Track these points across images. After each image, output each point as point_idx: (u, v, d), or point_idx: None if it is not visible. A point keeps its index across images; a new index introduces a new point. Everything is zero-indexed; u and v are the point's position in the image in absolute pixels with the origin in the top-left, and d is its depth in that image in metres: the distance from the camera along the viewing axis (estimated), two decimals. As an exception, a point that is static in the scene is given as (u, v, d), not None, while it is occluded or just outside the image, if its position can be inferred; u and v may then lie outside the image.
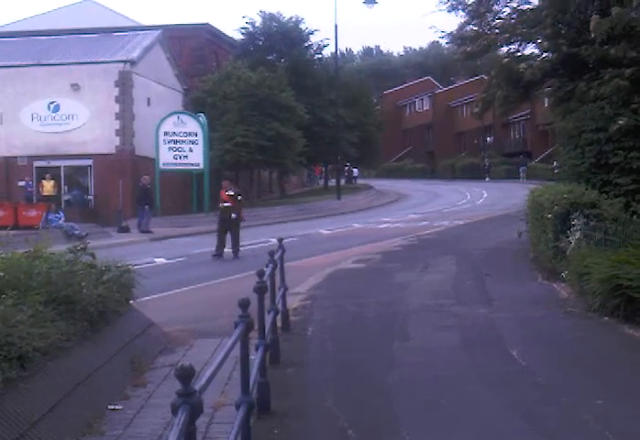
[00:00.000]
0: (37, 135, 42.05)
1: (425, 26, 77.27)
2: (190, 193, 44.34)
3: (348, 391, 8.59)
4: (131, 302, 10.98)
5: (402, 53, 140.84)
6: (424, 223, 34.57)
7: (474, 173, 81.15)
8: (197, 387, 4.03)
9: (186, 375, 3.91)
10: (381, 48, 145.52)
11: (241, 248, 23.92)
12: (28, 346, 6.97)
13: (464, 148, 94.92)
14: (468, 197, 55.55)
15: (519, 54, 22.80)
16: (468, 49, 23.05)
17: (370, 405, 8.02)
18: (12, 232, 12.14)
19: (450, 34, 24.34)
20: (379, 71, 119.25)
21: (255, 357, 7.39)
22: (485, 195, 55.97)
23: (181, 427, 3.65)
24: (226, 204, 24.12)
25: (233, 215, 23.70)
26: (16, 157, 42.41)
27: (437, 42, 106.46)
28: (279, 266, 11.41)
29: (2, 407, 6.31)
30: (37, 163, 42.31)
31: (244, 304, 6.22)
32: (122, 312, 10.28)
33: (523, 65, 21.10)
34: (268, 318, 9.17)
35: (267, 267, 9.68)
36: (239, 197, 24.61)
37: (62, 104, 42.01)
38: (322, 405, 8.07)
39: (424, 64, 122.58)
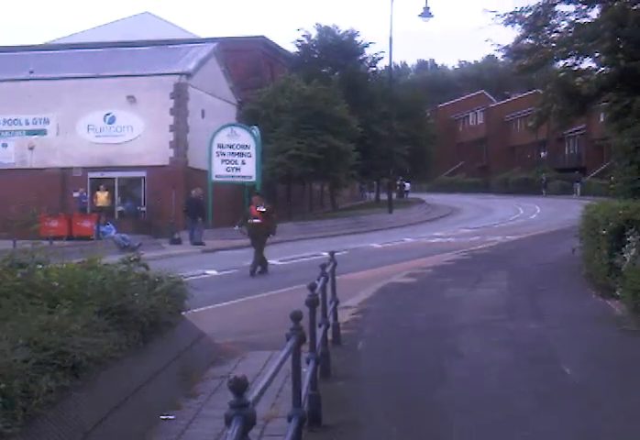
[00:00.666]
0: (92, 146, 42.52)
1: (481, 39, 76.83)
2: (242, 206, 44.50)
3: (400, 406, 8.54)
4: (183, 313, 11.02)
5: (457, 66, 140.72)
6: (477, 237, 34.39)
7: (528, 188, 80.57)
8: (250, 398, 4.04)
9: (240, 387, 3.91)
10: (436, 61, 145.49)
11: (292, 261, 23.93)
12: (82, 355, 7.01)
13: (518, 163, 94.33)
14: (522, 212, 55.17)
15: (576, 68, 22.61)
16: (525, 62, 22.92)
17: (422, 420, 7.98)
18: (66, 242, 12.28)
19: (506, 47, 24.20)
20: (433, 85, 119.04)
21: (306, 370, 7.38)
22: (538, 211, 55.54)
23: (234, 438, 3.65)
24: (255, 221, 23.00)
25: (270, 235, 23.25)
26: (71, 168, 42.90)
27: (492, 55, 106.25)
28: (330, 279, 11.39)
29: (56, 415, 6.36)
30: (91, 174, 42.74)
31: (296, 317, 6.21)
32: (174, 323, 10.31)
33: (579, 79, 20.94)
34: (319, 331, 9.15)
35: (318, 280, 9.67)
36: (272, 214, 23.54)
37: (118, 116, 42.46)
38: (373, 419, 8.03)
39: (479, 78, 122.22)
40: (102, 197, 40.67)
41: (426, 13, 50.86)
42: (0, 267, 8.58)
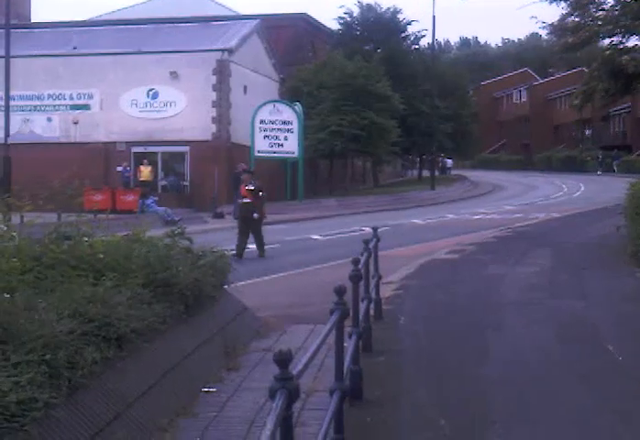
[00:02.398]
0: (135, 121, 42.76)
1: (524, 17, 76.19)
2: (284, 181, 44.58)
3: (440, 382, 8.54)
4: (225, 286, 11.07)
5: (500, 44, 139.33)
6: (519, 215, 34.17)
7: (571, 166, 79.91)
8: (294, 372, 4.05)
9: (284, 360, 3.93)
10: (479, 39, 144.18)
11: (333, 236, 23.91)
12: (126, 327, 7.08)
13: (561, 141, 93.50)
14: (565, 190, 54.76)
15: (621, 46, 22.34)
16: (569, 40, 22.72)
17: (463, 396, 7.96)
18: (110, 216, 12.36)
19: (551, 25, 23.98)
20: (475, 62, 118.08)
21: (348, 345, 7.39)
22: (582, 188, 55.10)
23: (278, 411, 3.67)
24: (245, 201, 21.59)
25: (255, 215, 21.20)
26: (114, 142, 43.18)
27: (536, 34, 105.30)
28: (373, 255, 11.38)
29: (100, 386, 6.43)
30: (134, 149, 43.03)
31: (340, 292, 6.21)
32: (217, 296, 10.37)
33: (625, 57, 20.70)
34: (361, 306, 9.15)
35: (361, 255, 9.67)
36: (261, 193, 21.69)
37: (161, 92, 42.63)
38: (414, 395, 8.04)
39: (522, 56, 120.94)
40: (145, 171, 40.96)
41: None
42: (46, 239, 8.67)
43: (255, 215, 21.15)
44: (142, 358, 7.42)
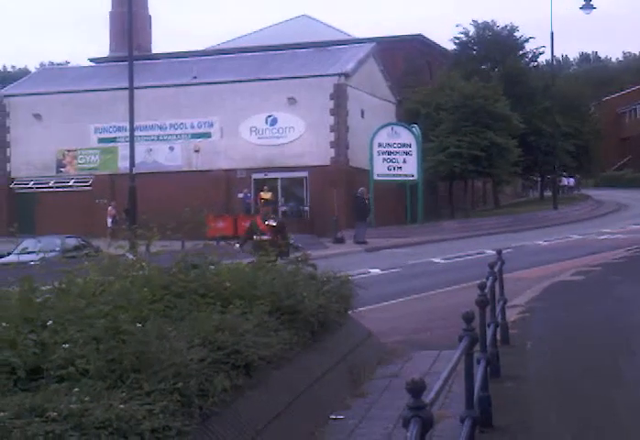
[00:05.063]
0: (255, 148, 43.35)
1: (645, 30, 74.61)
2: (404, 204, 44.47)
3: (572, 408, 8.33)
4: (349, 312, 11.07)
5: (621, 59, 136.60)
6: (647, 234, 33.29)
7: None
8: (426, 400, 4.00)
9: (417, 388, 3.89)
10: (599, 53, 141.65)
11: (454, 260, 23.68)
12: (254, 354, 7.13)
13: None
14: (694, 208, 53.20)
15: None
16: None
17: (596, 424, 7.75)
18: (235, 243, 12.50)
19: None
20: (596, 78, 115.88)
21: (476, 371, 7.29)
22: None
23: (413, 441, 3.63)
24: (264, 238, 17.86)
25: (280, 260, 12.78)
26: (235, 169, 43.82)
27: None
28: (498, 278, 11.22)
29: (231, 413, 6.48)
30: (255, 175, 43.57)
31: (468, 318, 6.14)
32: (341, 322, 10.37)
33: None
34: (488, 331, 9.02)
35: (487, 279, 9.54)
36: (284, 230, 19.08)
37: (279, 118, 43.14)
38: (545, 421, 7.86)
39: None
40: (266, 197, 41.41)
41: (588, 5, 49.51)
42: (174, 268, 8.81)
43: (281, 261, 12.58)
44: (270, 385, 7.46)
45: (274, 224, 18.82)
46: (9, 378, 5.62)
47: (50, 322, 6.53)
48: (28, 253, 16.02)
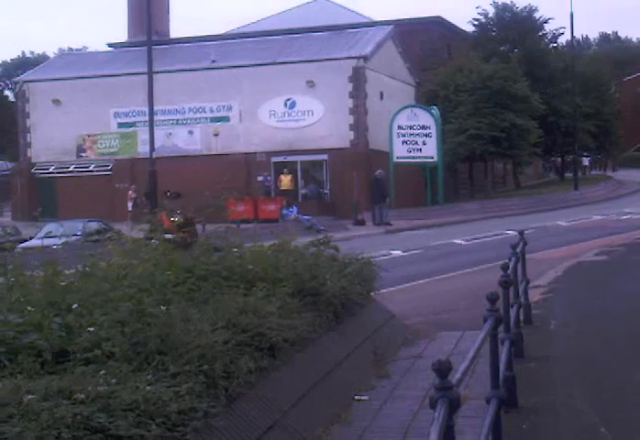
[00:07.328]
0: (274, 131, 43.29)
1: (666, 8, 73.95)
2: (424, 186, 44.39)
3: (596, 388, 8.31)
4: (371, 293, 11.07)
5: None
6: (670, 214, 33.11)
7: None
8: (453, 381, 4.00)
9: (444, 369, 3.89)
10: (619, 33, 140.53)
11: (476, 241, 23.63)
12: (278, 336, 7.15)
13: None
14: None
15: None
16: None
17: (622, 403, 7.73)
18: (254, 225, 12.51)
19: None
20: (616, 58, 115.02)
21: (500, 351, 7.27)
22: None
23: (440, 421, 3.62)
24: (167, 236, 11.83)
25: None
26: (255, 153, 43.80)
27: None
28: (520, 259, 11.18)
29: (256, 394, 6.50)
30: (274, 159, 43.54)
31: (492, 298, 6.12)
32: (364, 304, 10.38)
33: None
34: (511, 312, 9.00)
35: (509, 260, 9.52)
36: (192, 227, 14.14)
37: (298, 101, 43.06)
38: (570, 401, 7.84)
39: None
40: (285, 180, 41.46)
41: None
42: (197, 251, 8.83)
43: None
44: (295, 367, 7.48)
45: (180, 219, 15.01)
46: (36, 361, 5.65)
47: (76, 305, 6.56)
48: (51, 237, 16.02)
